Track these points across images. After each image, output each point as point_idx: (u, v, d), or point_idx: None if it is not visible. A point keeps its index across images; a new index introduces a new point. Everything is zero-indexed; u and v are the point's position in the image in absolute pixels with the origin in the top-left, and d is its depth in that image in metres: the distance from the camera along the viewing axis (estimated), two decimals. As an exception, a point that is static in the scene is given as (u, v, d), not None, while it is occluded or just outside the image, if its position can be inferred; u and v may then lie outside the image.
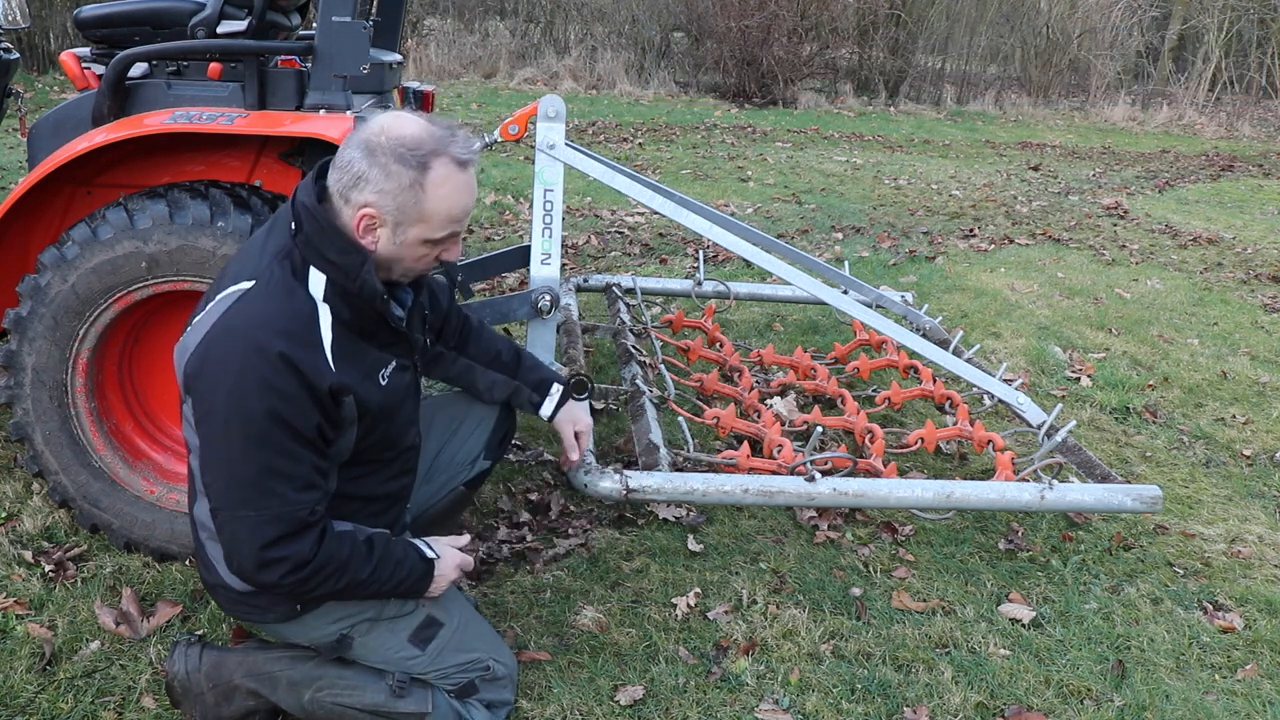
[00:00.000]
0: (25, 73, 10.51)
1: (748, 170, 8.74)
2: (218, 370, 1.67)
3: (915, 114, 14.01)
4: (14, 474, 2.91)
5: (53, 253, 2.40)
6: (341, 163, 1.72)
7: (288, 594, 1.77)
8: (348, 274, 1.73)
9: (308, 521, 1.71)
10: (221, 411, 1.66)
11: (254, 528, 1.68)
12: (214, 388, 1.67)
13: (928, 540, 2.94)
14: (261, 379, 1.64)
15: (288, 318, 1.70)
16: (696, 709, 2.20)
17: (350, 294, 1.75)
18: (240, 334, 1.67)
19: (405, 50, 12.27)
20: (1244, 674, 2.43)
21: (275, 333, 1.66)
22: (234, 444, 1.66)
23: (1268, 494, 3.39)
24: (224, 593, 1.91)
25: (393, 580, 1.83)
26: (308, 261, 1.74)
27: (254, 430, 1.65)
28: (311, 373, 1.68)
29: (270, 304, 1.70)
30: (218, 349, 1.68)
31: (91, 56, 2.86)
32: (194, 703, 1.98)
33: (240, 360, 1.65)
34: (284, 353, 1.65)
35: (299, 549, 1.70)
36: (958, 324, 4.72)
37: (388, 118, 1.74)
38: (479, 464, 2.30)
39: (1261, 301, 5.65)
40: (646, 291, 4.21)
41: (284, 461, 1.68)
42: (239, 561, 1.72)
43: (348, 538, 1.78)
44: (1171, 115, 15.18)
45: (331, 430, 1.75)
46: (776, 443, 2.83)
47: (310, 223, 1.73)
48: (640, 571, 2.69)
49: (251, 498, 1.67)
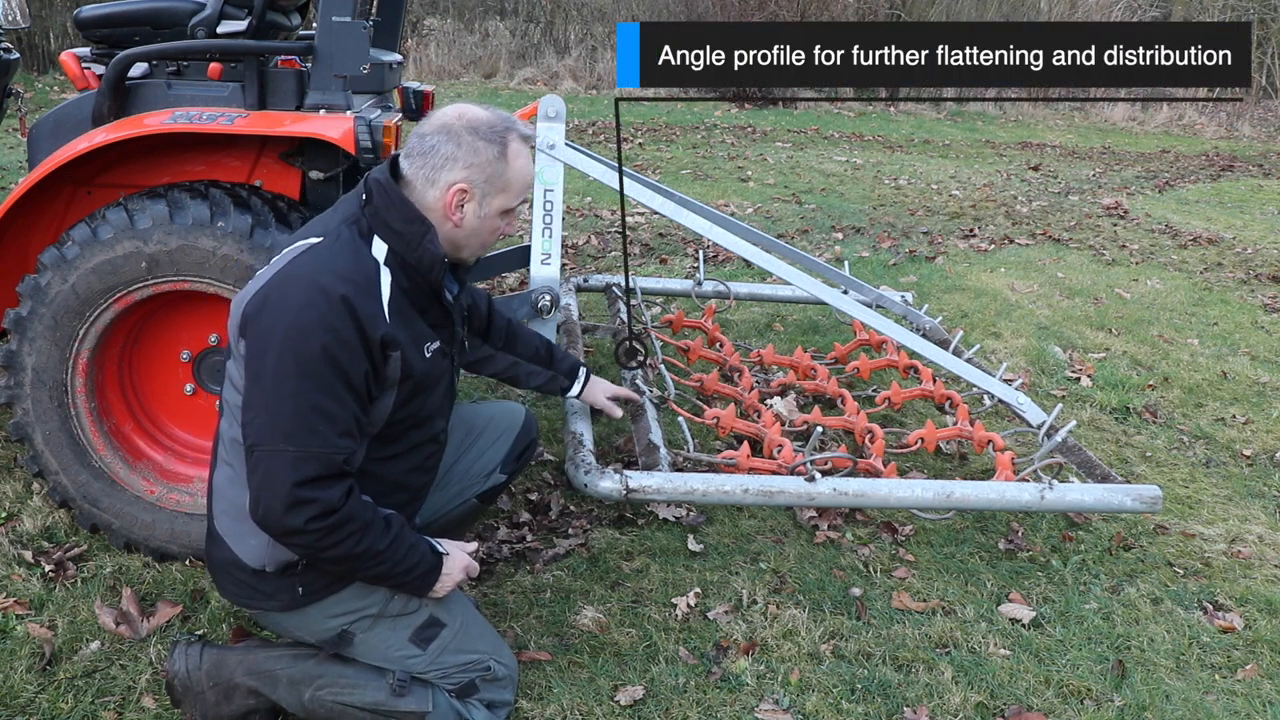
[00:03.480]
0: (25, 73, 10.51)
1: (748, 170, 8.74)
2: (279, 307, 1.75)
3: (915, 114, 14.01)
4: (14, 474, 2.91)
5: (53, 253, 2.40)
6: (423, 149, 1.87)
7: (309, 546, 1.76)
8: (409, 243, 1.85)
9: (342, 469, 1.76)
10: (278, 346, 1.72)
11: (292, 462, 1.70)
12: (274, 323, 1.74)
13: (928, 540, 2.94)
14: (321, 317, 1.72)
15: (351, 268, 1.80)
16: (696, 709, 2.20)
17: (409, 265, 1.86)
18: (305, 278, 1.77)
19: (405, 50, 12.27)
20: (1244, 674, 2.43)
21: (339, 278, 1.76)
22: (285, 378, 1.72)
23: (1268, 494, 3.39)
24: (232, 572, 1.91)
25: (405, 563, 1.85)
26: (374, 230, 1.86)
27: (307, 367, 1.71)
28: (368, 321, 1.76)
29: (336, 256, 1.81)
30: (280, 291, 1.77)
31: (91, 56, 2.86)
32: (194, 701, 1.98)
33: (303, 298, 1.74)
34: (346, 296, 1.74)
35: (329, 495, 1.72)
36: (958, 324, 4.72)
37: (458, 107, 1.91)
38: (494, 477, 2.32)
39: (1261, 301, 5.65)
40: (646, 291, 4.21)
41: (330, 402, 1.73)
42: (269, 499, 1.72)
43: (371, 506, 1.81)
44: (1171, 115, 15.18)
45: (376, 385, 1.82)
46: (776, 443, 2.83)
47: (380, 195, 1.86)
48: (640, 571, 2.70)
49: (294, 432, 1.71)
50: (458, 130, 1.86)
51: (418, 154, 1.87)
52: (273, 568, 1.87)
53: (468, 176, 1.86)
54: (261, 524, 1.76)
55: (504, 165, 1.88)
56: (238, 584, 1.92)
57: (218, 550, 1.93)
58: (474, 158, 1.86)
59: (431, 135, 1.87)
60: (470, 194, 1.88)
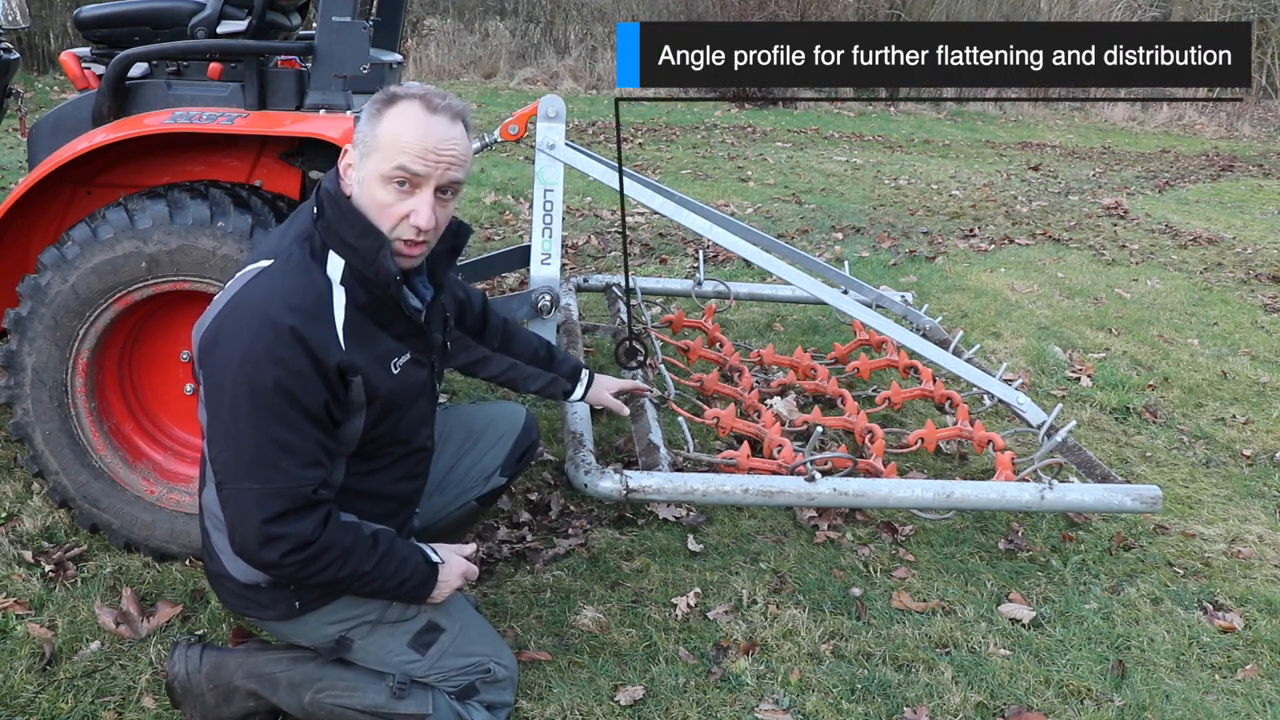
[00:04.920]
0: (25, 73, 10.51)
1: (748, 170, 8.74)
2: (229, 342, 1.70)
3: (915, 114, 14.01)
4: (14, 474, 2.91)
5: (53, 253, 2.40)
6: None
7: (289, 577, 1.76)
8: (365, 258, 1.76)
9: (312, 500, 1.72)
10: (231, 383, 1.68)
11: (257, 500, 1.68)
12: (225, 359, 1.69)
13: (928, 540, 2.94)
14: (271, 351, 1.67)
15: (301, 293, 1.73)
16: (696, 709, 2.20)
17: (367, 279, 1.78)
18: (253, 307, 1.70)
19: (405, 50, 12.27)
20: (1244, 674, 2.43)
21: (288, 307, 1.69)
22: (241, 415, 1.68)
23: (1268, 494, 3.39)
24: (227, 584, 1.91)
25: (396, 578, 1.83)
26: (327, 245, 1.78)
27: (261, 401, 1.67)
28: (320, 349, 1.70)
29: (286, 281, 1.74)
30: (231, 322, 1.71)
31: (91, 56, 2.86)
32: (194, 703, 1.98)
33: (251, 332, 1.68)
34: (294, 327, 1.68)
35: (301, 528, 1.70)
36: (958, 324, 4.72)
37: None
38: (494, 480, 2.29)
39: (1261, 301, 5.65)
40: (646, 291, 4.21)
41: (288, 435, 1.69)
42: (241, 537, 1.71)
43: (352, 528, 1.78)
44: (1171, 115, 15.18)
45: (339, 410, 1.77)
46: (776, 443, 2.83)
47: (332, 207, 1.78)
48: (640, 571, 2.69)
49: (256, 469, 1.68)
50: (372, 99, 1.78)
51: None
52: (266, 583, 1.86)
53: (353, 139, 1.77)
54: (240, 557, 1.76)
55: (377, 122, 1.74)
56: (234, 595, 1.92)
57: (213, 563, 1.92)
58: (361, 122, 1.76)
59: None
60: (351, 159, 1.78)
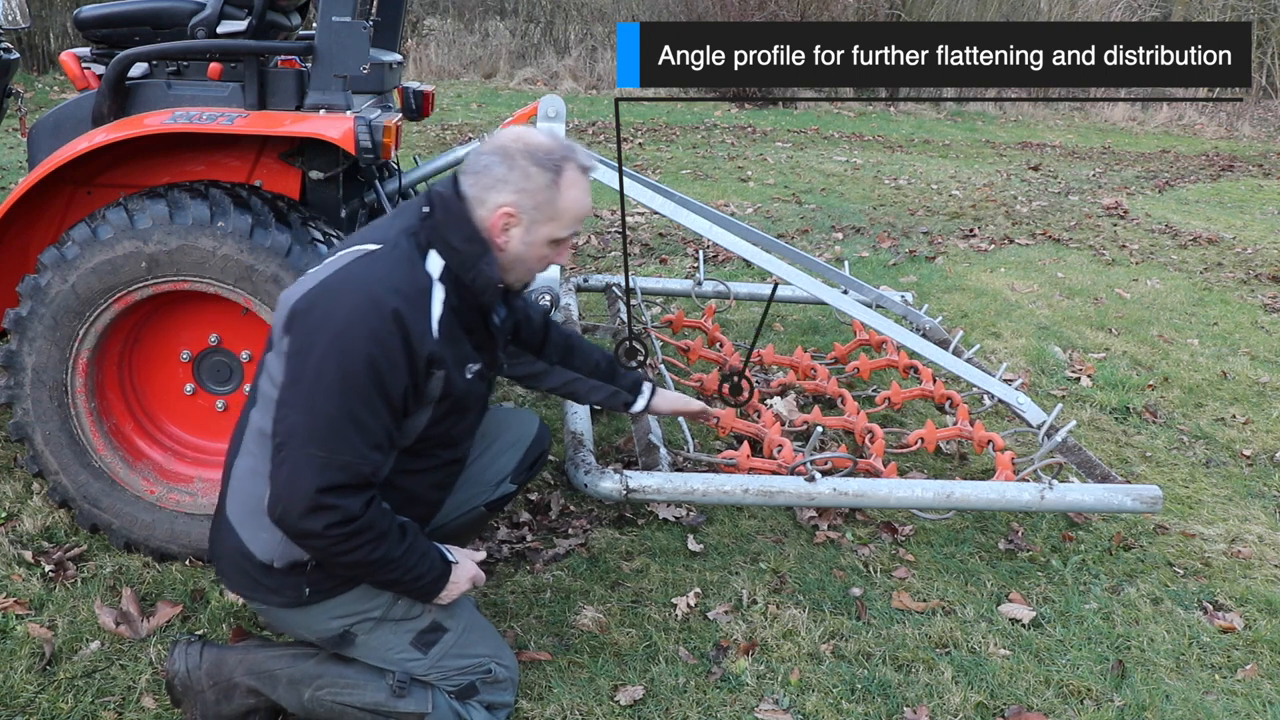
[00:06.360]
0: (25, 73, 10.52)
1: (748, 170, 8.74)
2: (329, 310, 1.74)
3: (915, 114, 14.01)
4: (14, 474, 2.91)
5: (53, 253, 2.40)
6: (477, 167, 1.86)
7: (322, 551, 1.77)
8: (465, 262, 1.84)
9: (367, 480, 1.75)
10: (321, 349, 1.72)
11: (319, 468, 1.70)
12: (321, 325, 1.73)
13: (928, 540, 2.94)
14: (370, 328, 1.72)
15: (406, 281, 1.79)
16: (696, 709, 2.20)
17: (462, 283, 1.85)
18: (359, 284, 1.76)
19: (405, 50, 12.27)
20: (1244, 674, 2.43)
21: (393, 290, 1.75)
22: (324, 383, 1.71)
23: (1268, 494, 3.39)
24: (238, 562, 1.89)
25: (415, 571, 1.85)
26: (431, 244, 1.85)
27: (349, 374, 1.71)
28: (416, 337, 1.76)
29: (393, 267, 1.80)
30: (334, 292, 1.76)
31: (91, 56, 2.86)
32: (194, 700, 1.98)
33: (354, 306, 1.73)
34: (397, 309, 1.73)
35: (351, 504, 1.72)
36: (958, 324, 4.72)
37: (518, 130, 1.90)
38: (504, 486, 2.30)
39: (1261, 301, 5.65)
40: (646, 291, 4.21)
41: (365, 413, 1.73)
42: (290, 500, 1.71)
43: (389, 514, 1.82)
44: (1171, 115, 15.17)
45: (414, 401, 1.82)
46: (776, 443, 2.83)
47: (442, 209, 1.86)
48: (640, 571, 2.69)
49: (326, 438, 1.70)
50: (513, 153, 1.84)
51: (472, 172, 1.87)
52: (281, 564, 1.86)
53: (516, 201, 1.84)
54: (278, 522, 1.76)
55: (555, 193, 1.85)
56: (242, 574, 1.91)
57: (227, 538, 1.91)
58: (525, 183, 1.83)
59: (487, 155, 1.86)
60: (517, 219, 1.85)
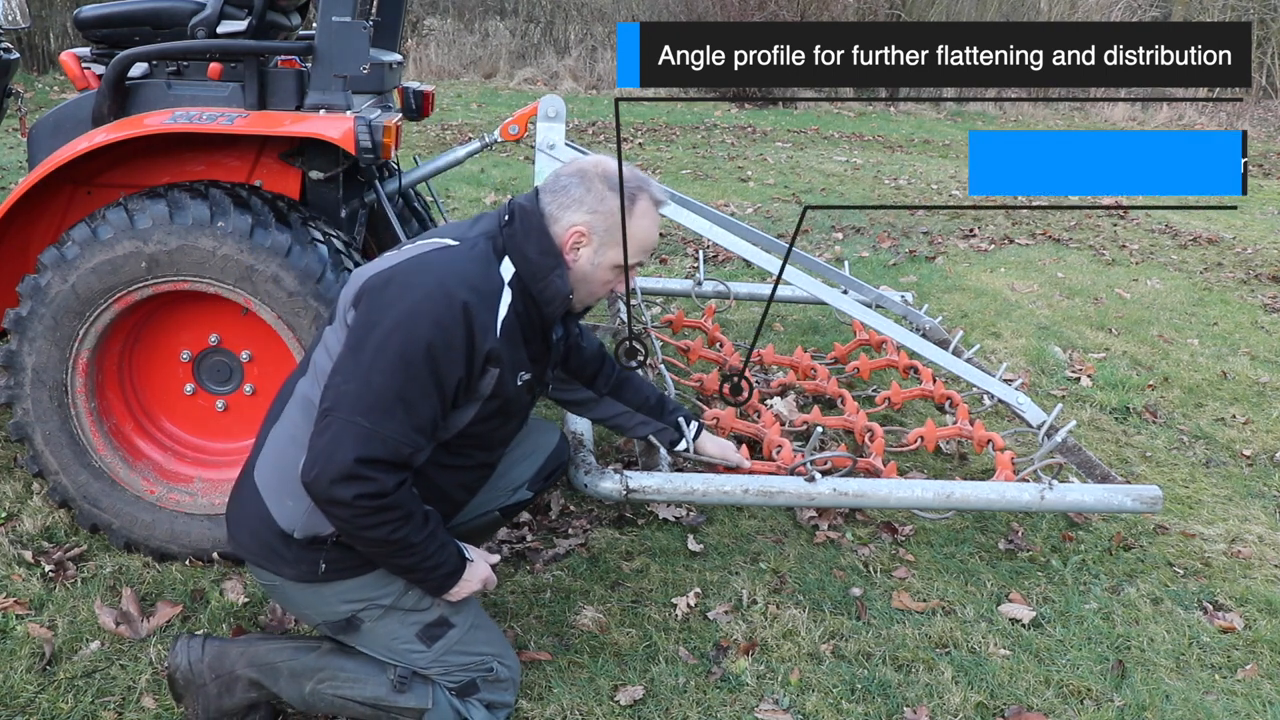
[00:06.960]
0: (25, 73, 10.52)
1: (748, 170, 8.74)
2: (401, 291, 1.81)
3: (915, 114, 14.01)
4: (14, 474, 2.91)
5: (53, 253, 2.40)
6: (557, 186, 1.95)
7: (346, 522, 1.77)
8: (537, 273, 1.92)
9: (406, 461, 1.79)
10: (387, 326, 1.77)
11: (363, 437, 1.73)
12: (392, 304, 1.80)
13: (928, 540, 2.94)
14: (437, 315, 1.78)
15: (480, 279, 1.86)
16: (696, 709, 2.20)
17: (529, 294, 1.93)
18: (434, 272, 1.84)
19: (405, 50, 12.27)
20: (1244, 674, 2.43)
21: (466, 284, 1.82)
22: (383, 359, 1.76)
23: (1268, 494, 3.39)
24: (255, 530, 1.90)
25: (432, 560, 1.86)
26: (506, 251, 1.93)
27: (408, 356, 1.76)
28: (480, 331, 1.82)
29: (469, 264, 1.88)
30: (409, 275, 1.84)
31: (91, 56, 2.86)
32: (196, 694, 1.99)
33: (426, 292, 1.80)
34: (467, 303, 1.80)
35: (384, 479, 1.75)
36: (958, 324, 4.72)
37: (599, 158, 2.00)
38: (520, 493, 2.32)
39: (1261, 301, 5.65)
40: (646, 291, 4.21)
41: (417, 395, 1.78)
42: (327, 465, 1.73)
43: (416, 498, 1.84)
44: (1171, 115, 15.17)
45: (464, 394, 1.87)
46: (776, 443, 2.83)
47: (522, 219, 1.94)
48: (640, 571, 2.70)
49: (373, 410, 1.75)
50: (591, 176, 1.93)
51: (550, 190, 1.95)
52: (302, 535, 1.87)
53: (589, 221, 1.92)
54: (309, 486, 1.77)
55: (626, 220, 1.93)
56: (259, 543, 1.91)
57: (249, 503, 1.92)
58: (599, 205, 1.92)
59: (566, 175, 1.95)
60: (588, 239, 1.93)
